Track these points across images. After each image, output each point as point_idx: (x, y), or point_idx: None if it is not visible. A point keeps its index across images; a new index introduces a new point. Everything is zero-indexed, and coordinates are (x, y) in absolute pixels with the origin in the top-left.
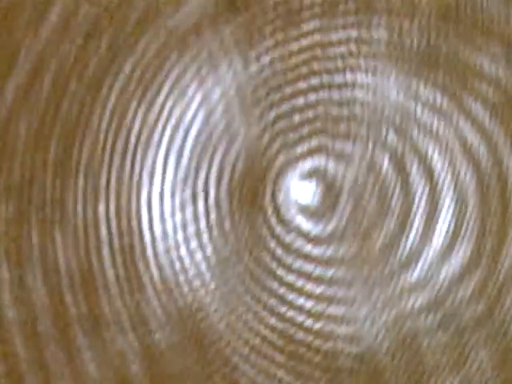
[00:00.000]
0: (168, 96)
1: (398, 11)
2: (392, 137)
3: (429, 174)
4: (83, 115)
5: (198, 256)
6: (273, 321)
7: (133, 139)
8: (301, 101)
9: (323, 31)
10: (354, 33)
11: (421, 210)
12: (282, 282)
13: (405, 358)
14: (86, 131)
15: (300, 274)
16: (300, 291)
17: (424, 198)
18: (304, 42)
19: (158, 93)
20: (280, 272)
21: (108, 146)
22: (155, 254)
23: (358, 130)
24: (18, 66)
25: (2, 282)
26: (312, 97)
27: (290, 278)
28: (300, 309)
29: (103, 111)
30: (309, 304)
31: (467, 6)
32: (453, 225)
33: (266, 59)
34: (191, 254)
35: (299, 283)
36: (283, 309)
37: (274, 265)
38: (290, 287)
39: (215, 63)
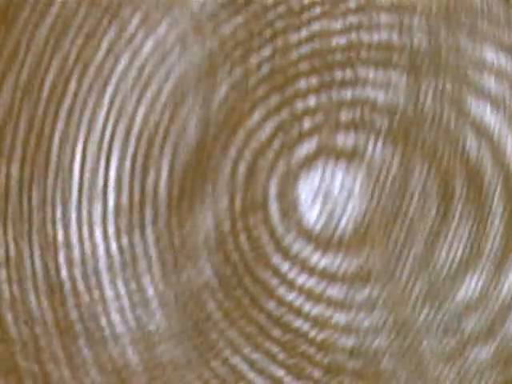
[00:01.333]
0: (169, 97)
1: (397, 11)
2: (391, 138)
3: (429, 175)
4: (84, 115)
5: (200, 254)
6: (273, 320)
7: (133, 139)
8: (300, 102)
9: (323, 31)
10: (353, 33)
11: (433, 211)
12: (283, 279)
13: (405, 357)
14: (87, 131)
15: (299, 274)
16: (301, 291)
17: (421, 199)
18: (304, 43)
19: (158, 93)
20: (283, 269)
21: (108, 146)
22: (157, 252)
23: (359, 131)
24: (18, 66)
25: (2, 282)
26: (312, 98)
27: (290, 278)
28: (301, 308)
29: (104, 111)
30: (310, 303)
31: (467, 6)
32: (452, 223)
33: (266, 59)
34: (192, 252)
35: (299, 281)
36: (284, 307)
37: (277, 260)
38: (291, 286)
39: (215, 64)
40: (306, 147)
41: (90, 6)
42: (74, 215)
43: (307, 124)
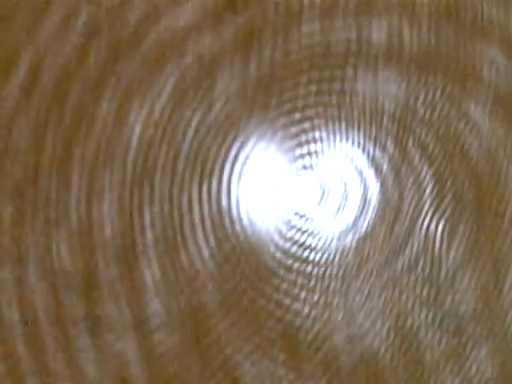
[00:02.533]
0: (169, 96)
1: (397, 11)
2: (390, 138)
3: (426, 176)
4: (84, 115)
5: (199, 255)
6: (273, 320)
7: (134, 140)
8: (300, 102)
9: (323, 32)
10: (353, 34)
11: (424, 211)
12: (282, 280)
13: (405, 357)
14: (87, 131)
15: (299, 273)
16: (300, 290)
17: (421, 199)
18: (304, 43)
19: (159, 94)
20: (281, 272)
21: (109, 146)
22: (157, 254)
23: (357, 131)
24: (18, 66)
25: (2, 281)
26: (311, 98)
27: (290, 277)
28: (300, 308)
29: (104, 111)
30: (309, 303)
31: (467, 6)
32: (451, 223)
33: (266, 60)
34: (192, 253)
35: (299, 282)
36: (284, 307)
37: (274, 265)
38: (291, 286)
39: (216, 64)
40: (306, 148)
41: (89, 5)
42: (74, 216)
43: (307, 124)
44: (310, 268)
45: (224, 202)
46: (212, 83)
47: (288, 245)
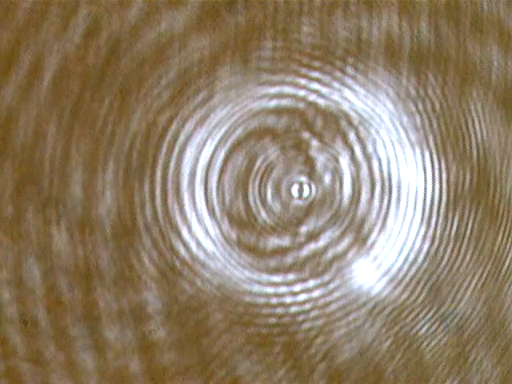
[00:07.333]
0: (169, 96)
1: (397, 11)
2: (389, 138)
3: (424, 175)
4: (83, 115)
5: (200, 254)
6: (273, 320)
7: (134, 139)
8: (300, 101)
9: (323, 32)
10: (353, 34)
11: (426, 209)
12: (281, 280)
13: (404, 357)
14: (87, 130)
15: (298, 272)
16: (299, 290)
17: (424, 199)
18: (303, 43)
19: (159, 93)
20: (279, 270)
21: (110, 146)
22: (156, 253)
23: (356, 132)
24: (17, 66)
25: (2, 282)
26: (311, 96)
27: (289, 277)
28: (300, 307)
29: (104, 111)
30: (309, 304)
31: (467, 6)
32: (450, 222)
33: (266, 60)
34: (192, 252)
35: (298, 281)
36: (284, 306)
37: (274, 263)
38: (290, 285)
39: (216, 64)
40: (306, 145)
41: (89, 5)
42: (74, 215)
43: (308, 120)
44: (310, 266)
45: (226, 200)
46: (212, 83)
47: (287, 243)
